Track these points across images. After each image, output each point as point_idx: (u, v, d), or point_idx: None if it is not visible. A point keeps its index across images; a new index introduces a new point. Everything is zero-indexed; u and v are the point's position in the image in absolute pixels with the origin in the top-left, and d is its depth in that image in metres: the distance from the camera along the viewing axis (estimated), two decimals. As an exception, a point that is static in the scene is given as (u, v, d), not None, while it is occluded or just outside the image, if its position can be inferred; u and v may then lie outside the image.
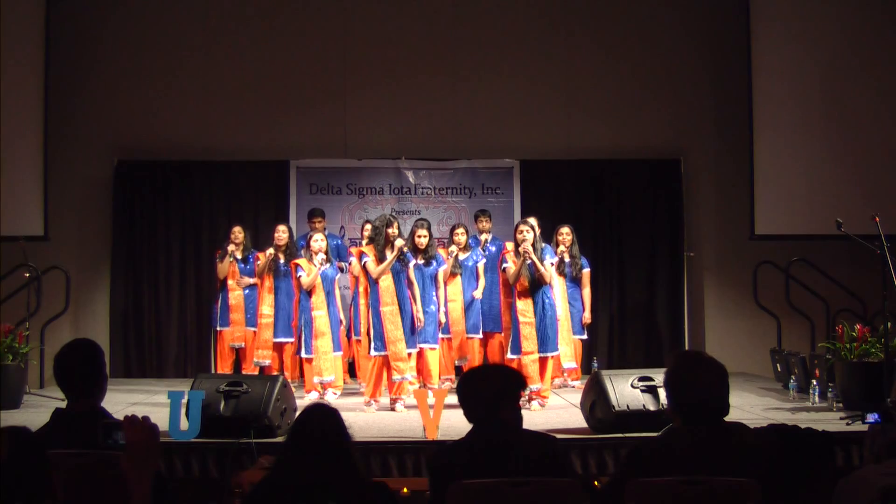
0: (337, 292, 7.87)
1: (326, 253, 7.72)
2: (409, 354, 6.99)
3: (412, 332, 7.00)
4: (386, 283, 6.94)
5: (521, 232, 7.04)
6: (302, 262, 7.73)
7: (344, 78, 10.00)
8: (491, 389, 3.15)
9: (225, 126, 9.85)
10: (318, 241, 7.68)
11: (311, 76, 9.97)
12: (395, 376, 6.91)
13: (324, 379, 7.57)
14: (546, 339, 6.99)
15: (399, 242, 6.90)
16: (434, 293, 7.46)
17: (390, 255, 6.90)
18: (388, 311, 6.92)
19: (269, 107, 9.90)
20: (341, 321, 7.91)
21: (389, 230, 6.96)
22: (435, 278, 7.49)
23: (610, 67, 10.07)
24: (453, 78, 10.03)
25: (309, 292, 7.61)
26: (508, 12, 10.10)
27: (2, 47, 8.42)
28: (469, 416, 3.19)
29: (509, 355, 7.02)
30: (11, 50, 8.62)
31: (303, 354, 7.67)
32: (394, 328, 6.90)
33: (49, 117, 9.11)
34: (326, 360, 7.57)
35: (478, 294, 8.19)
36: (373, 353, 7.00)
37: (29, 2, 8.99)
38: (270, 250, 8.15)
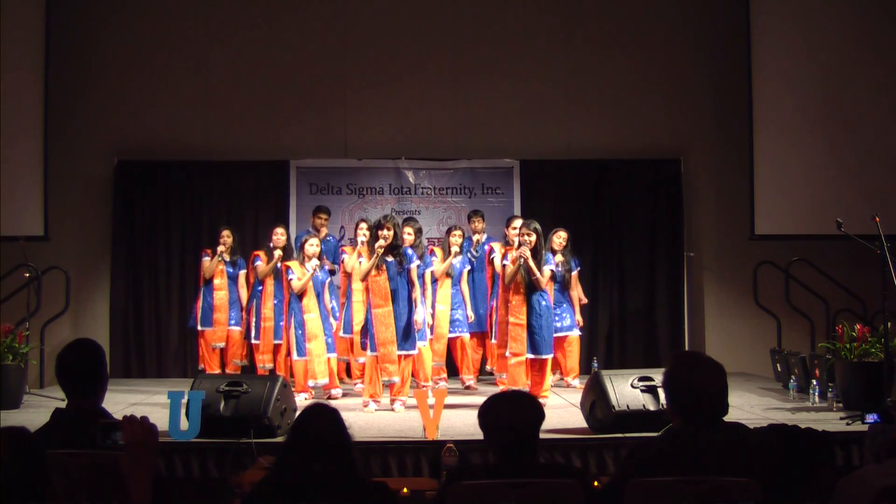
0: (326, 295, 7.83)
1: (320, 258, 7.70)
2: (402, 357, 6.92)
3: (406, 334, 6.93)
4: (379, 284, 6.91)
5: (524, 235, 6.99)
6: (294, 265, 7.69)
7: (344, 78, 10.00)
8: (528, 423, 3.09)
9: (225, 126, 9.84)
10: (313, 246, 7.65)
11: (311, 76, 9.97)
12: (384, 378, 6.90)
13: (318, 382, 7.54)
14: (542, 342, 6.91)
15: (379, 243, 6.86)
16: (422, 293, 7.45)
17: (373, 258, 6.89)
18: (380, 312, 6.88)
19: (269, 107, 9.90)
20: (332, 324, 7.87)
21: (380, 232, 6.93)
22: (423, 277, 7.48)
23: (610, 67, 10.07)
24: (453, 78, 10.03)
25: (300, 295, 7.59)
26: (508, 12, 10.09)
27: (2, 47, 8.43)
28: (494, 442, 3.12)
29: (507, 353, 7.00)
30: (11, 50, 8.63)
31: (295, 357, 7.65)
32: (384, 329, 6.87)
33: (49, 117, 9.12)
34: (320, 363, 7.54)
35: (470, 314, 8.22)
36: (368, 352, 7.00)
37: (29, 2, 9.00)
38: (279, 252, 8.09)
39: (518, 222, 7.69)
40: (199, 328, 8.47)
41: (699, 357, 3.04)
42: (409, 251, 7.09)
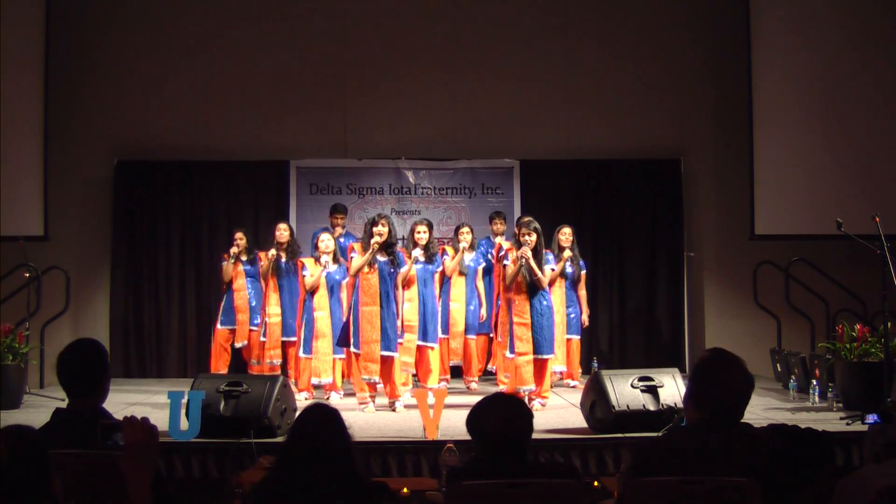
0: (343, 294, 7.84)
1: (334, 255, 7.68)
2: (385, 358, 6.91)
3: (394, 335, 6.94)
4: (370, 282, 6.92)
5: (524, 235, 6.99)
6: (308, 261, 7.71)
7: (344, 78, 9.99)
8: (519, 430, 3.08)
9: (225, 126, 9.84)
10: (326, 241, 7.63)
11: (311, 76, 9.96)
12: (364, 376, 6.91)
13: (321, 381, 7.54)
14: (543, 342, 6.90)
15: (374, 240, 6.87)
16: (434, 292, 7.45)
17: (367, 254, 6.90)
18: (368, 311, 6.89)
19: (269, 107, 9.90)
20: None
21: (374, 229, 6.94)
22: (433, 277, 7.47)
23: (610, 67, 10.06)
24: (453, 78, 10.03)
25: (312, 292, 7.59)
26: (508, 12, 10.09)
27: (2, 48, 8.43)
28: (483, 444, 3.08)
29: (508, 354, 7.00)
30: (11, 50, 8.63)
31: (301, 354, 7.65)
32: (370, 328, 6.87)
33: (49, 117, 9.11)
34: (325, 362, 7.54)
35: (483, 313, 8.17)
36: (351, 349, 6.99)
37: (29, 2, 8.99)
38: (273, 251, 8.12)
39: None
40: (218, 327, 8.46)
41: (738, 362, 3.04)
42: (402, 256, 7.10)
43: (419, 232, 7.39)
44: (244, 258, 8.38)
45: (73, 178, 9.67)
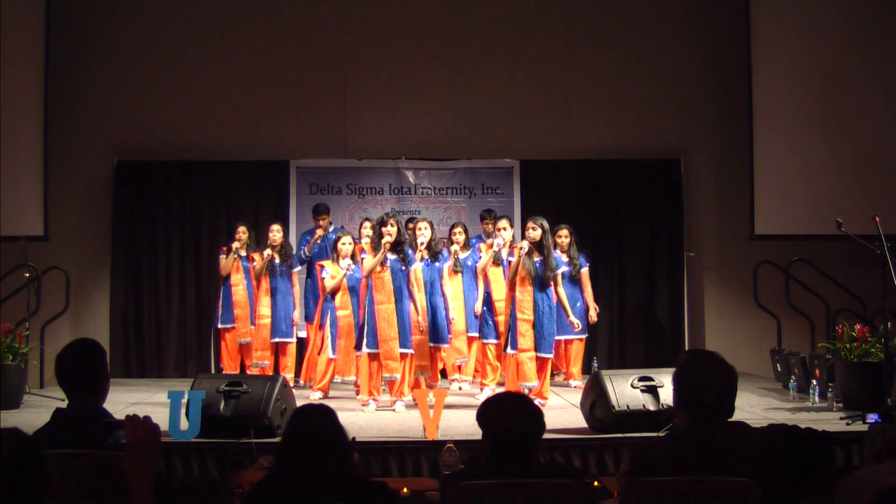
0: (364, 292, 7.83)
1: (353, 256, 7.66)
2: (403, 355, 6.93)
3: (409, 332, 6.96)
4: (383, 280, 6.93)
5: (528, 230, 7.00)
6: (327, 263, 7.69)
7: (344, 78, 10.00)
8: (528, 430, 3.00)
9: (225, 126, 9.84)
10: (347, 245, 7.57)
11: (311, 76, 9.97)
12: (386, 375, 6.91)
13: (345, 378, 7.54)
14: (543, 341, 6.91)
15: (385, 240, 6.87)
16: (441, 291, 7.45)
17: (378, 254, 6.90)
18: (384, 308, 6.90)
19: (269, 107, 9.90)
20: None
21: (383, 228, 6.95)
22: (442, 272, 7.47)
23: (610, 67, 10.06)
24: (453, 78, 10.03)
25: (333, 293, 7.59)
26: (508, 12, 10.09)
27: (2, 48, 8.42)
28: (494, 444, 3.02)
29: (508, 350, 7.00)
30: (11, 50, 8.62)
31: (330, 355, 7.63)
32: (388, 326, 6.88)
33: (49, 117, 9.11)
34: (349, 360, 7.52)
35: (477, 307, 8.12)
36: (364, 349, 6.96)
37: (29, 2, 8.99)
38: (268, 251, 8.14)
39: (503, 222, 7.62)
40: (220, 326, 8.45)
41: (713, 356, 3.03)
42: (409, 252, 7.10)
43: (423, 228, 7.37)
44: (243, 253, 8.37)
45: (73, 178, 9.67)
